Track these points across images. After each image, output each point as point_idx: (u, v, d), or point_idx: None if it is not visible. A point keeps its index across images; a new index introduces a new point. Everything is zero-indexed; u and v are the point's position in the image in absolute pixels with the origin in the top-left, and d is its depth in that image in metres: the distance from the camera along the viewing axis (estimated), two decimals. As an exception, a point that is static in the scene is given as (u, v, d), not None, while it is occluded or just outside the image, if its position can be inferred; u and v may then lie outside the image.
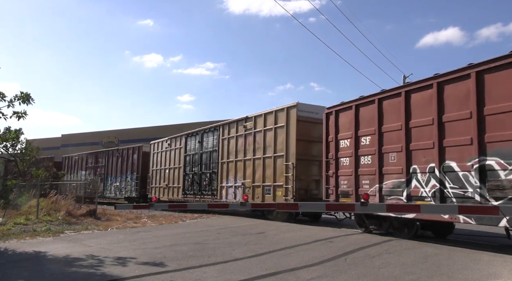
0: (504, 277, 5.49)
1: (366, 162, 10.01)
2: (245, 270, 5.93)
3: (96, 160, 28.19)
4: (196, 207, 15.51)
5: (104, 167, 27.00)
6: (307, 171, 13.22)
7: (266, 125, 14.36)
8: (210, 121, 27.21)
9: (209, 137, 17.86)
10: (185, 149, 19.52)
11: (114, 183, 25.71)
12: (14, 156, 17.57)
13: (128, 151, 24.86)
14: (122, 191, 24.77)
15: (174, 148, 20.62)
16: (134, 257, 6.94)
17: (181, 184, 19.46)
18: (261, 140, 14.47)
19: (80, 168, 29.69)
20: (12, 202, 15.89)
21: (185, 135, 19.78)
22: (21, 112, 9.65)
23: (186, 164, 19.30)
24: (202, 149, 18.23)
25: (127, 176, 24.47)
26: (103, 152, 27.88)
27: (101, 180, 26.58)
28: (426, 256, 6.91)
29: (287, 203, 12.46)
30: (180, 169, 19.67)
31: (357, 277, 5.48)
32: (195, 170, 18.52)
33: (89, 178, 27.58)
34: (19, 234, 10.12)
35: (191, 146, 19.19)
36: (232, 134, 16.24)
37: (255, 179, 14.53)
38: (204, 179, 17.77)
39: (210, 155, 17.54)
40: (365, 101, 10.23)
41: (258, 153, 14.60)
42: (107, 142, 48.48)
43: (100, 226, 12.09)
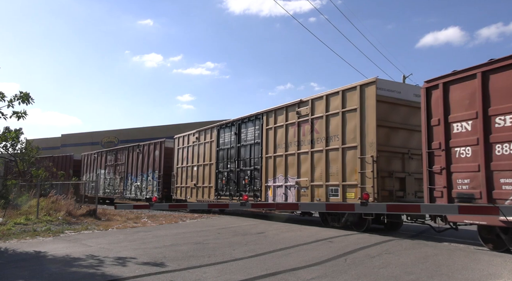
0: (504, 277, 5.50)
1: (507, 152, 7.15)
2: (245, 270, 5.93)
3: (115, 158, 26.05)
4: (196, 207, 15.56)
5: (124, 165, 24.89)
6: (389, 167, 10.47)
7: (329, 110, 11.53)
8: (210, 121, 27.19)
9: (249, 128, 15.17)
10: (218, 143, 16.94)
11: (135, 182, 23.51)
12: (14, 156, 17.62)
13: (149, 147, 22.56)
14: (143, 192, 22.59)
15: (203, 142, 18.02)
16: (134, 257, 6.94)
17: (213, 184, 16.91)
18: (322, 128, 11.73)
19: (99, 166, 27.82)
20: (12, 202, 15.90)
21: (217, 127, 17.22)
22: (21, 112, 9.68)
23: (219, 160, 16.75)
24: (239, 142, 15.56)
25: (148, 174, 22.27)
26: (123, 148, 25.66)
27: (121, 179, 24.89)
28: (426, 256, 6.91)
29: (287, 203, 12.47)
30: (212, 166, 17.14)
31: (357, 277, 5.48)
32: (230, 167, 15.92)
33: (108, 178, 26.29)
34: (19, 234, 10.12)
35: (225, 139, 16.55)
36: (280, 123, 13.48)
37: (315, 177, 11.81)
38: (243, 177, 15.17)
39: (251, 149, 14.90)
40: (500, 66, 7.36)
41: (318, 145, 11.81)
42: (107, 142, 48.52)
43: (100, 226, 12.09)
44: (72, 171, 29.16)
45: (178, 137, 20.57)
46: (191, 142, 19.11)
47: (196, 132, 18.76)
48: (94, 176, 28.01)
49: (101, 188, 26.66)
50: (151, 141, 22.93)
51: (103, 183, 26.77)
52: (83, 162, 29.72)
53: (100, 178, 27.00)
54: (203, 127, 18.52)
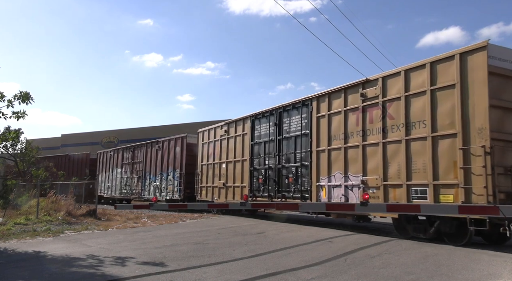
0: (504, 277, 5.50)
1: None
2: (245, 270, 5.93)
3: (133, 155, 24.12)
4: (196, 207, 15.52)
5: (141, 163, 23.04)
6: (505, 160, 8.03)
7: (410, 89, 9.28)
8: (211, 121, 27.01)
9: (293, 117, 12.94)
10: (252, 136, 14.80)
11: (154, 182, 21.70)
12: (14, 156, 17.63)
13: (169, 143, 20.67)
14: (162, 192, 20.79)
15: (233, 135, 15.93)
16: (134, 257, 6.94)
17: (246, 183, 14.79)
18: (399, 113, 9.47)
19: (115, 165, 25.92)
20: (12, 202, 15.91)
21: (252, 117, 14.99)
22: (21, 112, 9.67)
23: (253, 156, 14.61)
24: (281, 133, 13.36)
25: (169, 173, 20.40)
26: (140, 145, 23.68)
27: (139, 179, 23.05)
28: (426, 256, 6.91)
29: (287, 203, 12.40)
30: (245, 163, 15.01)
31: (357, 277, 5.48)
32: (269, 163, 13.78)
33: (125, 177, 24.50)
34: (19, 234, 10.12)
35: (261, 131, 14.42)
36: (337, 108, 11.23)
37: (389, 174, 9.52)
38: (286, 175, 12.95)
39: (296, 141, 12.68)
40: None
41: (393, 134, 9.54)
42: (107, 142, 48.52)
43: (100, 226, 12.09)
44: (88, 171, 27.70)
45: (203, 130, 18.40)
46: (218, 136, 16.99)
47: (225, 124, 16.68)
48: (110, 175, 26.52)
49: (118, 188, 25.29)
50: (171, 136, 20.99)
51: (120, 183, 25.18)
52: (99, 161, 28.18)
53: (116, 177, 25.61)
54: (232, 119, 16.29)
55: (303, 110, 12.55)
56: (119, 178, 25.29)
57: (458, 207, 6.19)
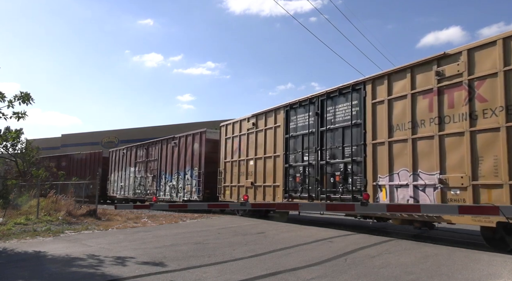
0: (504, 277, 5.50)
1: None
2: (245, 270, 5.93)
3: (147, 153, 22.78)
4: (196, 207, 15.53)
5: (156, 162, 21.68)
6: None
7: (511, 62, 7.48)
8: (211, 121, 26.96)
9: (339, 104, 11.31)
10: (286, 128, 13.21)
11: (169, 182, 20.29)
12: (14, 156, 17.66)
13: (187, 139, 19.17)
14: (179, 193, 19.38)
15: (263, 128, 14.36)
16: (134, 257, 6.95)
17: (280, 182, 13.18)
18: (493, 93, 7.68)
19: (128, 163, 24.61)
20: (12, 202, 15.93)
21: (286, 107, 13.33)
22: (21, 113, 9.70)
23: (289, 151, 13.02)
24: (323, 125, 11.75)
25: (186, 172, 18.94)
26: (155, 142, 22.23)
27: (153, 178, 21.72)
28: (426, 256, 6.91)
29: (287, 203, 12.45)
30: (278, 160, 13.44)
31: (357, 277, 5.48)
32: (309, 159, 12.09)
33: (139, 177, 23.25)
34: (19, 234, 10.13)
35: (299, 123, 12.75)
36: (400, 92, 9.51)
37: (480, 172, 7.75)
38: (331, 173, 11.32)
39: (343, 133, 11.07)
40: None
41: (485, 120, 7.75)
42: (107, 142, 48.59)
43: (101, 226, 12.10)
44: (101, 170, 26.75)
45: (226, 124, 16.85)
46: (244, 129, 15.44)
47: (252, 116, 15.06)
48: (122, 175, 25.22)
49: (131, 188, 24.10)
50: (189, 132, 19.53)
51: (133, 183, 23.95)
52: (111, 160, 26.91)
53: (129, 177, 24.36)
54: (261, 110, 14.64)
55: (353, 96, 10.80)
56: (132, 177, 24.08)
57: (458, 207, 6.17)
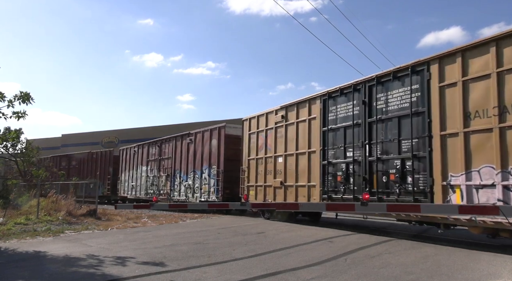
0: (504, 277, 5.50)
1: None
2: (245, 270, 5.93)
3: (160, 151, 21.48)
4: (196, 207, 15.54)
5: (170, 160, 20.35)
6: None
7: None
8: (211, 121, 26.89)
9: (394, 90, 9.71)
10: (323, 120, 11.67)
11: (185, 181, 19.03)
12: (14, 156, 17.65)
13: (203, 135, 17.86)
14: (196, 193, 18.04)
15: (295, 121, 12.85)
16: (134, 257, 6.95)
17: (317, 181, 11.66)
18: None
19: (140, 162, 23.39)
20: (12, 202, 15.93)
21: (323, 96, 11.79)
22: (21, 112, 9.69)
23: (327, 146, 11.47)
24: (372, 114, 10.18)
25: (203, 171, 17.62)
26: (169, 139, 20.91)
27: (167, 177, 20.45)
28: (426, 256, 6.91)
29: (287, 203, 12.47)
30: (313, 156, 11.94)
31: (357, 277, 5.48)
32: (354, 155, 10.62)
33: (151, 176, 21.92)
34: (19, 234, 10.13)
35: (340, 113, 11.23)
36: (481, 71, 7.89)
37: None
38: (385, 171, 9.74)
39: (400, 124, 9.47)
40: None
41: None
42: (107, 142, 48.57)
43: (101, 226, 12.10)
44: (112, 169, 26.04)
45: (249, 118, 15.36)
46: (271, 123, 14.03)
47: (281, 108, 13.56)
48: (134, 174, 23.89)
49: (143, 188, 22.81)
50: (206, 127, 18.06)
51: (145, 183, 22.63)
52: (122, 158, 25.71)
53: (141, 176, 23.06)
54: (292, 100, 13.20)
55: (412, 79, 9.26)
56: (144, 177, 22.78)
57: (458, 207, 6.18)
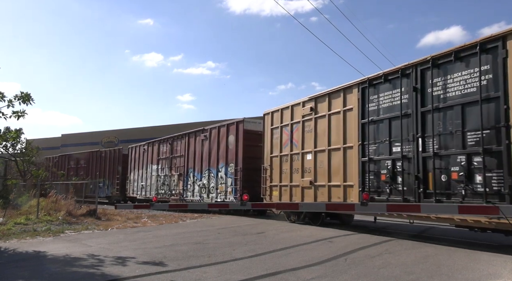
0: (504, 277, 5.50)
1: None
2: (245, 270, 5.93)
3: (171, 148, 20.33)
4: (196, 207, 15.54)
5: (183, 158, 19.19)
6: None
7: None
8: (211, 121, 26.87)
9: (455, 73, 8.40)
10: (362, 111, 10.32)
11: (199, 180, 17.87)
12: (14, 156, 17.64)
13: (219, 131, 16.74)
14: (211, 193, 16.95)
15: (327, 113, 11.44)
16: (134, 256, 6.95)
17: (355, 180, 10.35)
18: None
19: (150, 161, 22.34)
20: (12, 202, 15.93)
21: (362, 84, 10.42)
22: (20, 111, 9.68)
23: (367, 140, 10.11)
24: (425, 103, 8.93)
25: (219, 169, 16.52)
26: (181, 136, 19.73)
27: (179, 177, 19.31)
28: (426, 256, 6.91)
29: (287, 203, 12.47)
30: (350, 152, 10.58)
31: (357, 277, 5.48)
32: (402, 150, 9.28)
33: (162, 175, 20.82)
34: (19, 234, 10.12)
35: (383, 103, 9.88)
36: None
37: None
38: (443, 168, 8.41)
39: (464, 113, 8.13)
40: None
41: None
42: (107, 142, 48.56)
43: (101, 226, 12.10)
44: (121, 168, 25.24)
45: (272, 111, 14.06)
46: (298, 116, 12.64)
47: (310, 99, 12.15)
48: (143, 173, 22.87)
49: (153, 188, 21.72)
50: (222, 122, 17.07)
51: (156, 182, 21.57)
52: (130, 157, 24.72)
53: (151, 175, 22.00)
54: (323, 91, 11.78)
55: (481, 59, 7.84)
56: (154, 176, 21.70)
57: (458, 207, 6.17)
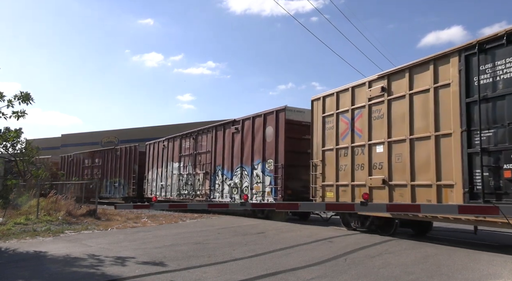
0: (504, 277, 5.50)
1: None
2: (245, 270, 5.93)
3: (195, 144, 18.57)
4: (196, 207, 15.55)
5: (209, 154, 17.30)
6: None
7: None
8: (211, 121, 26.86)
9: None
10: (466, 87, 7.77)
11: (229, 179, 16.03)
12: (14, 156, 17.63)
13: (254, 122, 14.83)
14: (244, 193, 14.96)
15: (406, 93, 8.98)
16: (134, 257, 6.95)
17: (456, 178, 7.84)
18: None
19: (171, 158, 20.65)
20: (12, 202, 15.92)
21: (466, 50, 7.80)
22: (20, 111, 9.68)
23: (475, 124, 7.59)
24: None
25: (254, 166, 14.62)
26: (207, 130, 17.80)
27: (205, 175, 17.51)
28: (426, 256, 6.91)
29: (287, 203, 12.48)
30: (446, 141, 8.11)
31: (357, 277, 5.48)
32: None
33: (185, 174, 19.05)
34: (19, 234, 10.12)
35: (502, 73, 7.25)
36: None
37: None
38: None
39: None
40: None
41: None
42: (107, 142, 48.55)
43: (100, 226, 12.09)
44: (137, 167, 23.82)
45: (323, 96, 11.45)
46: (362, 99, 10.09)
47: (380, 78, 9.68)
48: (163, 172, 21.16)
49: (174, 188, 19.96)
50: (258, 112, 14.81)
51: (177, 182, 19.75)
52: (148, 154, 23.16)
53: (172, 174, 20.26)
54: (400, 65, 9.36)
55: None
56: (176, 175, 19.90)
57: (458, 207, 6.17)
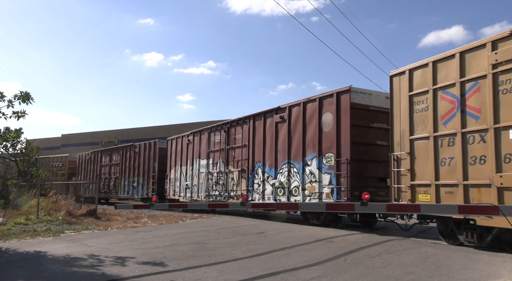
0: (504, 277, 5.50)
1: None
2: (245, 270, 5.93)
3: (227, 138, 16.04)
4: (196, 207, 15.56)
5: (246, 149, 14.87)
6: None
7: None
8: (211, 121, 26.85)
9: None
10: None
11: (273, 178, 13.52)
12: (14, 156, 17.67)
13: (305, 109, 12.35)
14: (294, 195, 12.53)
15: None
16: (134, 256, 6.95)
17: None
18: None
19: (197, 154, 18.19)
20: (12, 202, 15.93)
21: None
22: (21, 111, 9.69)
23: None
24: None
25: (306, 161, 12.12)
26: (243, 120, 15.30)
27: (241, 173, 15.10)
28: (426, 256, 6.91)
29: (287, 203, 12.47)
30: None
31: (357, 277, 5.49)
32: None
33: (215, 172, 16.66)
34: (19, 234, 10.13)
35: None
36: None
37: None
38: None
39: None
40: None
41: None
42: (107, 142, 48.54)
43: (100, 226, 12.10)
44: (157, 165, 21.74)
45: (410, 69, 9.17)
46: (480, 67, 7.74)
47: None
48: (188, 170, 18.88)
49: (202, 189, 17.71)
50: (311, 96, 12.23)
51: (205, 181, 17.41)
52: (170, 151, 20.91)
53: (199, 173, 17.94)
54: None
55: None
56: (204, 173, 17.53)
57: (458, 207, 6.17)
